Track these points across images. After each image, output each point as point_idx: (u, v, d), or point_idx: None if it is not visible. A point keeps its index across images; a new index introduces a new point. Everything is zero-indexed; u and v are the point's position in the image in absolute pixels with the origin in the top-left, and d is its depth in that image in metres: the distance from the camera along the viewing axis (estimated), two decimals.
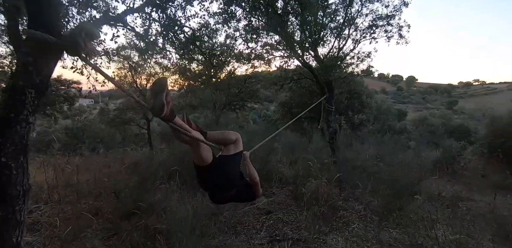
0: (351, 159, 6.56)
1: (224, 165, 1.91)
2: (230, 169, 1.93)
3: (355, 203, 4.53)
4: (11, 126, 1.42)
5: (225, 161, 1.93)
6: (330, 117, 7.52)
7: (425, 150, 9.12)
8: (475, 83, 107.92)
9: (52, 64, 1.56)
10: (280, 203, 4.51)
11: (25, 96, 1.41)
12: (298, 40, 7.16)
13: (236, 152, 1.97)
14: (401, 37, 6.55)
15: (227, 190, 1.98)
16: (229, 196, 2.03)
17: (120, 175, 5.68)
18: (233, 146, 1.98)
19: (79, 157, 10.12)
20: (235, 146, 1.98)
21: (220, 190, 1.97)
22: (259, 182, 2.17)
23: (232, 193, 2.01)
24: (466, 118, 31.05)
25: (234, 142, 1.98)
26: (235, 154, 1.96)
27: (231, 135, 2.01)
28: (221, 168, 1.88)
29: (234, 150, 1.97)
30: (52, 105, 13.38)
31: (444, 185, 5.52)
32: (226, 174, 1.91)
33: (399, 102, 56.96)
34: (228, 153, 1.95)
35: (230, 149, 1.96)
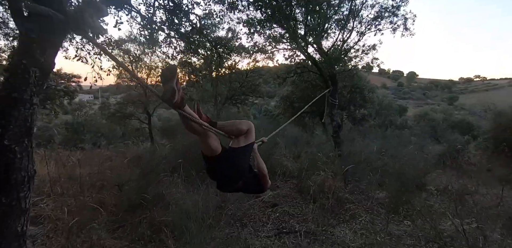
0: (355, 153, 6.50)
1: (234, 157, 1.86)
2: (239, 161, 1.87)
3: (361, 196, 4.48)
4: (14, 107, 1.34)
5: (235, 153, 1.87)
6: (334, 111, 7.44)
7: (428, 145, 9.07)
8: (476, 79, 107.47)
9: (57, 43, 1.48)
10: (285, 196, 4.46)
11: (29, 76, 1.33)
12: (302, 34, 7.06)
13: (247, 143, 1.89)
14: (406, 29, 6.45)
15: (236, 181, 1.94)
16: (237, 186, 2.00)
17: (123, 168, 5.62)
18: (244, 137, 1.89)
19: (80, 151, 10.07)
20: (246, 137, 1.90)
21: (229, 180, 1.93)
22: (267, 174, 2.12)
23: (240, 184, 1.98)
24: (467, 114, 30.97)
25: (246, 132, 1.89)
26: (245, 145, 1.88)
27: (242, 124, 1.92)
28: (231, 160, 1.84)
29: (245, 141, 1.89)
30: (52, 100, 13.31)
31: (450, 178, 5.46)
32: (235, 166, 1.86)
33: (399, 98, 56.79)
34: (238, 145, 1.88)
35: (240, 140, 1.89)
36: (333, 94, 7.32)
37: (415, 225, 3.52)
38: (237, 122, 1.94)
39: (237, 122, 1.94)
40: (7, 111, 1.32)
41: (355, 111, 14.70)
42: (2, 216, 1.37)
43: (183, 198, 4.00)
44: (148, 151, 7.00)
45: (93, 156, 8.80)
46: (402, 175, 4.57)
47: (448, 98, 62.89)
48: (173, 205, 3.85)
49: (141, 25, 3.99)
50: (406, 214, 3.79)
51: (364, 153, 6.50)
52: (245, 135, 1.90)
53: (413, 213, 3.76)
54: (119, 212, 3.80)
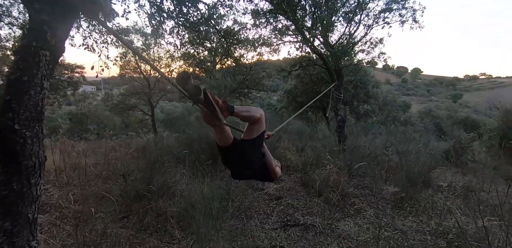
0: (360, 147, 6.47)
1: (246, 148, 1.93)
2: (252, 152, 1.95)
3: (366, 190, 4.46)
4: (24, 90, 1.31)
5: (247, 145, 1.92)
6: (339, 106, 7.39)
7: (432, 141, 9.00)
8: (481, 77, 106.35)
9: (68, 25, 1.45)
10: (289, 189, 4.45)
11: (39, 58, 1.30)
12: (308, 26, 6.98)
13: (258, 134, 1.92)
14: (415, 22, 6.34)
15: (248, 169, 2.04)
16: (250, 173, 2.11)
17: (128, 158, 5.64)
18: (256, 127, 1.91)
19: (84, 141, 10.13)
20: (258, 126, 1.91)
21: (242, 169, 2.03)
22: (274, 167, 2.20)
23: (252, 172, 2.09)
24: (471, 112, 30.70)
25: (257, 120, 1.90)
26: (257, 137, 1.92)
27: (255, 112, 1.92)
28: (243, 151, 1.93)
29: (257, 132, 1.92)
30: (56, 90, 13.34)
31: (454, 175, 5.42)
32: (248, 157, 1.95)
33: (403, 94, 56.36)
34: (250, 137, 1.92)
35: (252, 131, 1.92)
36: (338, 89, 7.26)
37: (420, 221, 3.50)
38: (252, 110, 1.94)
39: (251, 110, 1.94)
40: (19, 95, 1.30)
41: (358, 107, 14.64)
42: (14, 202, 1.37)
43: (188, 189, 4.01)
44: (152, 142, 7.00)
45: (97, 146, 8.85)
46: (408, 171, 4.54)
47: (453, 95, 62.31)
48: (178, 196, 3.87)
49: (148, 14, 3.95)
50: (411, 209, 3.78)
51: (368, 148, 6.48)
52: (256, 124, 1.91)
53: (419, 209, 3.74)
54: (125, 202, 3.81)
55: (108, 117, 20.21)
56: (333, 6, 6.61)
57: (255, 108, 1.97)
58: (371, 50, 7.10)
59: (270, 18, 7.23)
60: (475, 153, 6.84)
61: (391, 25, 6.50)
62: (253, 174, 2.17)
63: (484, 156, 6.90)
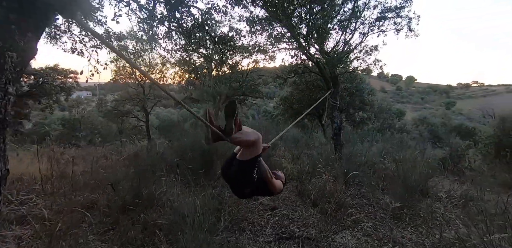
0: (356, 155, 6.38)
1: (239, 168, 1.95)
2: (244, 173, 1.95)
3: (363, 200, 4.35)
4: None
5: (241, 165, 1.95)
6: (335, 113, 7.33)
7: (428, 149, 8.97)
8: (474, 85, 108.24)
9: (40, 26, 1.32)
10: (284, 199, 4.32)
11: (4, 60, 1.16)
12: (304, 33, 6.95)
13: (252, 157, 1.93)
14: (410, 30, 6.34)
15: (242, 188, 2.08)
16: (248, 191, 2.11)
17: (118, 167, 5.46)
18: (250, 150, 1.93)
19: (75, 148, 9.88)
20: (252, 149, 1.92)
21: (235, 186, 2.10)
22: (271, 181, 2.16)
23: (248, 191, 2.11)
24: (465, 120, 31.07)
25: (252, 144, 1.92)
26: (250, 159, 1.93)
27: (250, 135, 1.94)
28: (237, 169, 1.96)
29: (250, 154, 1.93)
30: (48, 95, 13.09)
31: (452, 183, 5.35)
32: (241, 176, 1.98)
33: (398, 102, 56.96)
34: (244, 158, 1.94)
35: (245, 153, 1.94)
36: (334, 96, 7.21)
37: (420, 232, 3.39)
38: (249, 134, 1.96)
39: (247, 133, 1.96)
40: None
41: (354, 114, 14.64)
42: None
43: (179, 200, 3.85)
44: (144, 149, 6.83)
45: (88, 153, 8.62)
46: (405, 179, 4.45)
47: (446, 103, 63.17)
48: (168, 207, 3.71)
49: (140, 19, 3.84)
50: (410, 220, 3.67)
51: (365, 156, 6.39)
52: (251, 147, 1.92)
53: (418, 220, 3.63)
54: (111, 213, 3.63)
55: (102, 124, 19.89)
56: (328, 14, 6.60)
57: (251, 132, 1.96)
58: (366, 57, 7.08)
59: (266, 25, 7.19)
60: (471, 160, 6.80)
61: (386, 33, 6.50)
62: (251, 192, 2.16)
63: (480, 163, 6.86)
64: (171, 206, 3.70)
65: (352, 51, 7.04)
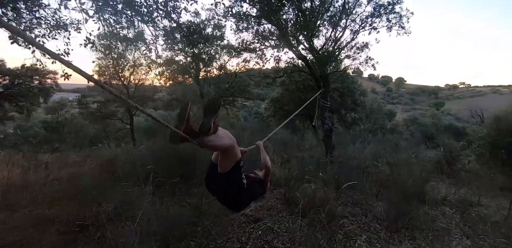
0: (348, 158, 6.05)
1: (226, 183, 1.82)
2: (232, 185, 1.82)
3: (355, 208, 3.99)
4: None
5: (226, 179, 1.80)
6: (325, 114, 7.00)
7: (421, 150, 8.76)
8: (461, 86, 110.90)
9: None
10: (270, 209, 3.92)
11: None
12: (292, 31, 6.60)
13: (233, 164, 1.77)
14: (402, 28, 6.09)
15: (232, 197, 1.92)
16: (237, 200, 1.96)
17: (89, 174, 4.95)
18: (228, 158, 1.75)
19: (49, 154, 9.24)
20: (230, 155, 1.75)
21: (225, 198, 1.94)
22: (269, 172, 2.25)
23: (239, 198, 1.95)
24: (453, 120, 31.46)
25: (227, 149, 1.72)
26: (231, 169, 1.78)
27: (225, 140, 1.72)
28: (226, 186, 1.83)
29: (230, 162, 1.77)
30: (25, 97, 12.35)
31: (448, 187, 5.07)
32: (230, 191, 1.85)
33: (388, 103, 57.56)
34: (225, 170, 1.78)
35: (225, 163, 1.77)
36: (324, 96, 6.88)
37: (418, 244, 3.05)
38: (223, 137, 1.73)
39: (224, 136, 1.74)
40: None
41: (346, 115, 14.41)
42: None
43: (148, 214, 3.40)
44: (122, 154, 6.30)
45: (64, 158, 8.03)
46: (401, 184, 4.12)
47: (435, 104, 64.31)
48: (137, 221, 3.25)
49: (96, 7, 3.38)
50: (407, 231, 3.32)
51: (357, 159, 6.07)
52: (228, 152, 1.74)
53: (416, 231, 3.28)
54: (70, 231, 3.16)
55: (86, 127, 19.07)
56: (318, 10, 6.28)
57: (223, 135, 1.73)
58: (357, 55, 6.78)
59: (253, 21, 6.82)
60: (466, 162, 6.56)
61: (378, 30, 6.21)
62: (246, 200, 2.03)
63: (475, 165, 6.63)
64: (140, 220, 3.25)
65: (343, 49, 6.74)
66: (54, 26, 3.45)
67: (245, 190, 1.88)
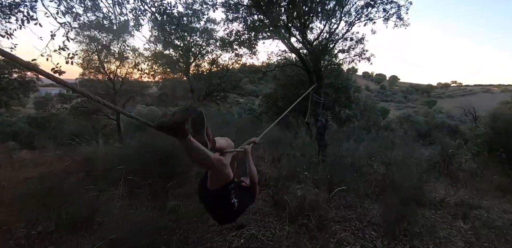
0: (341, 156, 5.75)
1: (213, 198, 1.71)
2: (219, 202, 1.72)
3: (348, 212, 3.67)
4: None
5: (213, 195, 1.69)
6: (318, 110, 6.67)
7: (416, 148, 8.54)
8: (453, 85, 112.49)
9: None
10: (256, 212, 3.57)
11: None
12: (285, 22, 6.23)
13: (225, 183, 1.67)
14: (400, 19, 5.77)
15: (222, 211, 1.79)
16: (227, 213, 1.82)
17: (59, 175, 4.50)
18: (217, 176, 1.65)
19: (26, 151, 8.72)
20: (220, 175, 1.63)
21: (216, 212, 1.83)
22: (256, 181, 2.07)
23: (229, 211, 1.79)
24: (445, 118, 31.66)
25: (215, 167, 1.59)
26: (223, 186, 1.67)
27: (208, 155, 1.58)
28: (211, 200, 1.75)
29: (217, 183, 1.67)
30: (4, 90, 11.68)
31: (447, 188, 4.80)
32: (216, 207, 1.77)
33: (382, 100, 57.89)
34: (215, 187, 1.68)
35: (218, 179, 1.67)
36: (318, 91, 6.55)
37: None
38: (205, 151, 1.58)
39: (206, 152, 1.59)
40: None
41: (340, 112, 14.17)
42: None
43: (120, 219, 3.01)
44: (100, 152, 5.85)
45: (42, 156, 7.53)
46: (397, 185, 3.82)
47: (427, 102, 64.94)
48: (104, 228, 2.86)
49: None
50: (405, 239, 3.01)
51: (351, 157, 5.76)
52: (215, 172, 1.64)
53: (415, 239, 2.98)
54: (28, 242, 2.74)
55: (73, 123, 18.38)
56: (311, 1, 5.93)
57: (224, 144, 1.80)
58: (351, 49, 6.45)
59: (242, 10, 6.41)
60: (462, 160, 6.33)
61: (375, 21, 5.88)
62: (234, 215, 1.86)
63: (471, 164, 6.39)
64: (108, 226, 2.87)
65: (337, 42, 6.40)
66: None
67: (235, 209, 1.76)
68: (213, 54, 12.85)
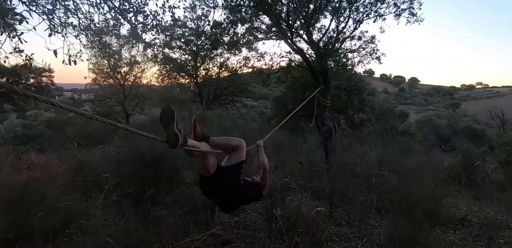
0: (350, 164, 5.27)
1: (223, 175, 1.83)
2: (229, 180, 1.85)
3: (351, 229, 3.25)
4: None
5: (225, 171, 1.86)
6: (325, 114, 6.25)
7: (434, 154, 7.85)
8: (478, 86, 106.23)
9: None
10: (246, 227, 3.24)
11: None
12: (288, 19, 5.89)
13: (238, 161, 1.89)
14: (413, 15, 5.27)
15: (229, 196, 1.91)
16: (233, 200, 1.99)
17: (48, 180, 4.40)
18: (235, 155, 1.89)
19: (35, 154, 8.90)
20: (237, 154, 1.90)
21: (223, 197, 1.92)
22: (268, 176, 2.18)
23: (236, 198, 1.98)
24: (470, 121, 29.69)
25: (236, 149, 1.89)
26: (235, 164, 1.88)
27: (232, 141, 1.93)
28: (221, 178, 1.82)
29: (236, 159, 1.89)
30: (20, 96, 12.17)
31: (469, 203, 4.22)
32: (225, 184, 1.84)
33: (400, 104, 55.55)
34: (229, 163, 1.90)
35: (231, 158, 1.90)
36: (324, 94, 6.13)
37: None
38: (229, 138, 1.96)
39: (229, 138, 1.96)
40: None
41: (353, 116, 13.53)
42: None
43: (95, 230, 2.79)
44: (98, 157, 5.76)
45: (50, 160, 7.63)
46: (410, 199, 3.35)
47: (450, 104, 61.56)
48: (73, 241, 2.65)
49: None
50: None
51: (359, 165, 5.28)
52: (235, 152, 1.89)
53: None
54: None
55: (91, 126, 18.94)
56: None
57: (234, 138, 1.93)
58: (362, 47, 5.99)
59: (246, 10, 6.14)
60: (488, 170, 5.65)
61: (385, 18, 5.41)
62: (238, 201, 2.07)
63: (499, 174, 5.70)
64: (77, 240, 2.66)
65: (345, 41, 5.96)
66: None
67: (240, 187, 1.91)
68: (222, 57, 12.76)
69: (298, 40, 6.27)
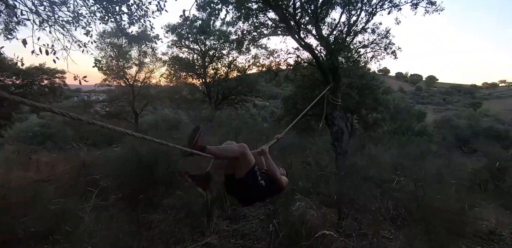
0: (361, 167, 4.89)
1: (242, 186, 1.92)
2: (246, 188, 1.93)
3: (362, 242, 2.91)
4: None
5: (241, 184, 1.91)
6: (335, 113, 5.89)
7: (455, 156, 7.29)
8: (501, 85, 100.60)
9: None
10: (245, 236, 2.98)
11: None
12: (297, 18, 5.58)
13: (249, 169, 1.89)
14: (432, 4, 4.81)
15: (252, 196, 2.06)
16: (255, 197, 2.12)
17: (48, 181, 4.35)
18: (242, 163, 1.88)
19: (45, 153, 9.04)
20: (244, 162, 1.88)
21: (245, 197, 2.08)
22: (279, 177, 2.08)
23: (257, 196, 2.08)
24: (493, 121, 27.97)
25: (241, 156, 1.87)
26: (246, 174, 1.88)
27: (232, 146, 1.92)
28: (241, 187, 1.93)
29: (246, 168, 1.89)
30: (41, 96, 12.49)
31: (496, 214, 3.76)
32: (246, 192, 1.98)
33: (418, 103, 53.42)
34: (240, 175, 1.90)
35: (241, 168, 1.90)
36: (334, 93, 5.78)
37: None
38: (227, 144, 1.97)
39: (227, 143, 1.98)
40: None
41: (367, 115, 12.97)
42: None
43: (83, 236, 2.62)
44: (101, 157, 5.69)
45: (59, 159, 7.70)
46: (429, 210, 2.97)
47: (470, 104, 58.55)
48: None
49: None
50: None
51: (372, 168, 4.89)
52: (242, 160, 1.88)
53: None
54: None
55: None
56: None
57: (235, 144, 1.92)
58: (376, 42, 5.58)
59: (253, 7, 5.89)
60: None
61: (400, 8, 4.98)
62: (259, 197, 2.16)
63: None
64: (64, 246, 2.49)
65: (357, 35, 5.58)
66: None
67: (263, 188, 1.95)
68: (230, 56, 12.58)
69: (306, 36, 5.95)
